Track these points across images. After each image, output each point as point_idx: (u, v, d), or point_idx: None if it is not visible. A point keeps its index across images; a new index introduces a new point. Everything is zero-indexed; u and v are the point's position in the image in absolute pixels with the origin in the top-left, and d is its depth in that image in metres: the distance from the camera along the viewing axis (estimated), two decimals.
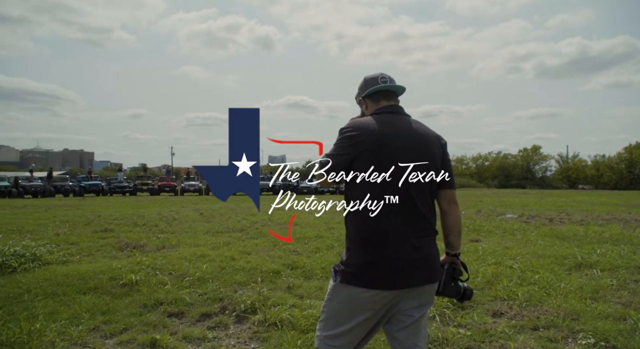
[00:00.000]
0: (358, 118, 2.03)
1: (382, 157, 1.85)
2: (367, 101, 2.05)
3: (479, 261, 5.81)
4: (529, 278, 4.90)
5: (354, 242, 1.90)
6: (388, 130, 1.89)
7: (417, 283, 1.89)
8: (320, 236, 7.97)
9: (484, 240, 7.91)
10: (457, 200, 2.04)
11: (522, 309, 3.97)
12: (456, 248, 2.08)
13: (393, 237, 1.85)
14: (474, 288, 4.50)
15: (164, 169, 49.23)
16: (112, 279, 4.78)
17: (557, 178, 62.61)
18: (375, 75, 2.06)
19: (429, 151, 1.94)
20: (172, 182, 33.69)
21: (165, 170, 40.93)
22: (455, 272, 2.06)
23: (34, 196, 28.65)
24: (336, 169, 1.90)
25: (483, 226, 9.85)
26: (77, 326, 3.53)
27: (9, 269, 5.28)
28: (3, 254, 5.54)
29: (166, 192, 32.55)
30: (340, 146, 1.90)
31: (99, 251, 6.68)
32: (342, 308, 1.89)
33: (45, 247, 6.21)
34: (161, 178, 35.04)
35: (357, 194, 1.90)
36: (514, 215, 13.02)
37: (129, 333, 3.41)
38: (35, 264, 5.50)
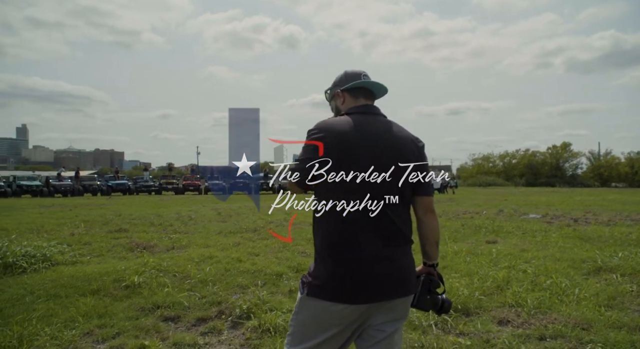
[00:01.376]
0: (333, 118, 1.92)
1: (349, 161, 1.73)
2: (346, 95, 1.92)
3: (491, 265, 5.60)
4: (541, 283, 4.67)
5: (320, 253, 1.79)
6: (357, 131, 1.77)
7: (388, 296, 1.76)
8: None
9: (501, 242, 7.65)
10: (434, 208, 1.90)
11: (530, 317, 3.77)
12: (433, 259, 1.94)
13: (361, 247, 1.73)
14: (482, 293, 4.33)
15: (190, 168, 49.89)
16: (116, 281, 4.79)
17: (588, 176, 60.80)
18: (357, 71, 1.94)
19: (402, 155, 1.80)
20: (196, 182, 34.10)
21: (190, 169, 41.47)
22: (432, 284, 1.92)
23: (64, 195, 29.44)
24: (302, 176, 1.80)
25: (502, 227, 9.56)
26: (71, 329, 3.52)
27: (19, 270, 5.36)
28: (15, 254, 5.63)
29: (190, 191, 32.96)
30: (306, 150, 1.80)
31: (110, 251, 6.74)
32: (309, 322, 1.78)
33: (56, 248, 6.29)
34: (186, 177, 35.50)
35: (322, 201, 1.79)
36: (537, 215, 12.62)
37: (121, 337, 3.38)
38: (45, 265, 5.57)
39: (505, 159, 67.80)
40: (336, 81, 1.97)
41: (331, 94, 2.00)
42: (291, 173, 1.84)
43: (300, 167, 1.79)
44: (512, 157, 67.60)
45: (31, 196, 29.09)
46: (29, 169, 78.83)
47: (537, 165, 63.28)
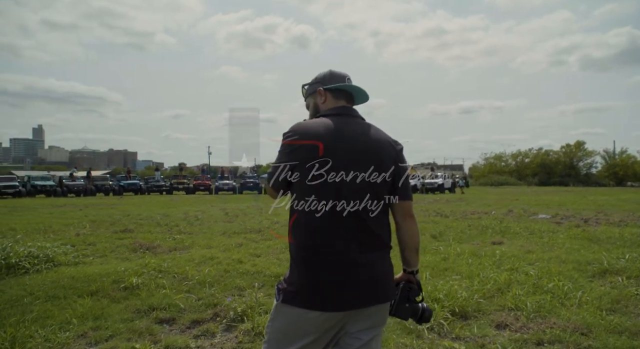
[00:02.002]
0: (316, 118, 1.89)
1: (323, 164, 1.70)
2: (328, 94, 1.87)
3: (493, 267, 5.51)
4: (543, 286, 4.58)
5: (295, 259, 1.75)
6: (331, 134, 1.73)
7: (364, 303, 1.72)
8: None
9: (507, 243, 7.55)
10: (413, 213, 1.86)
11: (529, 321, 3.70)
12: (413, 265, 1.90)
13: (336, 253, 1.69)
14: (482, 296, 4.26)
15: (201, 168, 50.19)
16: (115, 282, 4.81)
17: (603, 175, 59.91)
18: (343, 73, 1.90)
19: (379, 158, 1.76)
20: (206, 181, 34.31)
21: (200, 169, 41.74)
22: (411, 292, 1.87)
23: (77, 195, 29.84)
24: (278, 179, 1.77)
25: (510, 228, 9.43)
26: (65, 331, 3.53)
27: (22, 271, 5.40)
28: (18, 255, 5.68)
29: (201, 191, 33.17)
30: (280, 154, 1.76)
31: (113, 252, 6.78)
32: (284, 329, 1.74)
33: (60, 249, 6.34)
34: (196, 177, 35.75)
35: (297, 205, 1.76)
36: (546, 215, 12.43)
37: (114, 340, 3.38)
38: (48, 266, 5.61)
39: (518, 158, 67.09)
40: (319, 78, 1.91)
41: (310, 90, 1.94)
42: (268, 177, 1.81)
43: (275, 172, 1.76)
44: (525, 156, 66.87)
45: (45, 196, 29.51)
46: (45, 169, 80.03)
47: (550, 164, 62.51)
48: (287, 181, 1.75)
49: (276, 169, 1.75)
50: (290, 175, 1.73)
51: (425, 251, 6.67)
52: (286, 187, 1.77)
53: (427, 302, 3.99)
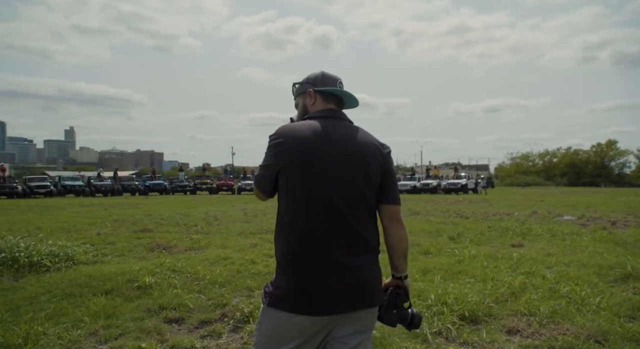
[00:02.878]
0: (303, 120, 1.88)
1: (308, 167, 1.68)
2: (318, 96, 1.85)
3: (509, 270, 5.39)
4: (559, 290, 4.46)
5: (280, 263, 1.74)
6: (318, 137, 1.71)
7: (350, 307, 1.70)
8: None
9: (527, 245, 7.38)
10: (401, 217, 1.82)
11: (542, 327, 3.60)
12: (401, 271, 1.87)
13: (321, 256, 1.67)
14: (494, 300, 4.18)
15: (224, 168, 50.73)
16: (129, 281, 4.89)
17: (636, 175, 57.95)
18: (334, 76, 1.88)
19: (365, 161, 1.74)
20: (229, 182, 34.69)
21: (224, 170, 42.25)
22: (399, 298, 1.84)
23: (104, 195, 30.56)
24: (264, 182, 1.76)
25: (531, 230, 9.21)
26: (77, 329, 3.61)
27: (43, 269, 5.56)
28: (40, 253, 5.85)
29: (224, 191, 33.55)
30: (267, 156, 1.76)
31: (131, 251, 6.91)
32: (271, 333, 1.73)
33: (80, 248, 6.49)
34: (219, 177, 36.17)
35: (282, 209, 1.75)
36: (572, 217, 12.11)
37: (123, 339, 3.44)
38: (67, 264, 5.76)
39: (546, 158, 65.56)
40: (310, 79, 1.88)
41: (300, 89, 1.91)
42: (255, 178, 1.81)
43: (261, 174, 1.76)
44: (553, 155, 65.29)
45: (74, 196, 30.33)
46: (76, 169, 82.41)
47: (580, 164, 60.83)
48: (274, 183, 1.74)
49: (263, 169, 1.75)
50: (276, 177, 1.73)
51: (440, 253, 6.58)
52: (273, 189, 1.77)
53: (436, 306, 3.95)
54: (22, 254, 5.70)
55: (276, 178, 1.73)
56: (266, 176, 1.74)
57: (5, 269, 5.46)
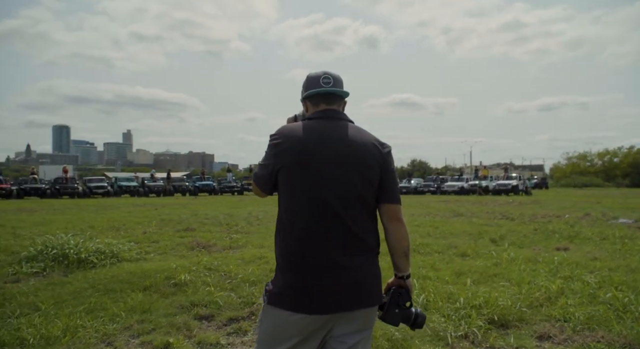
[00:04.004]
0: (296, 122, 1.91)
1: (305, 168, 1.71)
2: (308, 102, 1.89)
3: (549, 274, 5.18)
4: (600, 296, 4.24)
5: (278, 262, 1.79)
6: (315, 137, 1.74)
7: (348, 306, 1.71)
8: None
9: (573, 249, 7.04)
10: (401, 216, 1.82)
11: (575, 334, 3.45)
12: (402, 270, 1.86)
13: (318, 257, 1.70)
14: (528, 305, 4.04)
15: None
16: (167, 278, 5.09)
17: None
18: (318, 74, 1.86)
19: (363, 161, 1.75)
20: None
21: None
22: (401, 297, 1.83)
23: (157, 195, 31.82)
24: (263, 180, 1.81)
25: (580, 232, 8.78)
26: (114, 323, 3.81)
27: (90, 265, 5.88)
28: (88, 251, 6.20)
29: None
30: (266, 155, 1.80)
31: (173, 249, 7.18)
32: (271, 331, 1.78)
33: (125, 246, 6.82)
34: None
35: (281, 209, 1.79)
36: (628, 220, 11.42)
37: (154, 333, 3.59)
38: (112, 261, 6.07)
39: (605, 158, 62.03)
40: (303, 86, 1.92)
41: (301, 99, 1.97)
42: (254, 178, 1.86)
43: (260, 173, 1.80)
44: (614, 155, 61.67)
45: (129, 196, 31.76)
46: (133, 170, 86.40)
47: None
48: (272, 182, 1.78)
49: (261, 168, 1.80)
50: (275, 177, 1.77)
51: (477, 256, 6.41)
52: (272, 188, 1.81)
53: (464, 309, 3.87)
54: (72, 251, 6.05)
55: (275, 178, 1.78)
56: (265, 175, 1.78)
57: (56, 265, 5.82)
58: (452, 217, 12.36)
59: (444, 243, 7.49)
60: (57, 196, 28.20)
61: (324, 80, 1.83)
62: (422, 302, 4.06)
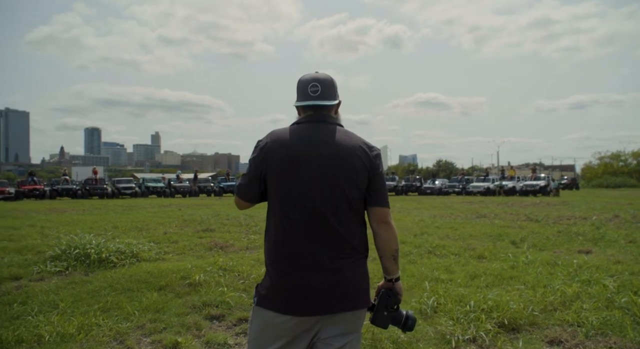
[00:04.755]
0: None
1: (291, 170, 1.74)
2: (299, 109, 1.90)
3: (567, 277, 5.06)
4: (617, 301, 4.12)
5: (266, 264, 1.82)
6: (300, 141, 1.76)
7: (333, 309, 1.73)
8: (404, 242, 7.66)
9: (595, 252, 6.85)
10: (389, 219, 1.82)
11: (587, 339, 3.37)
12: (391, 273, 1.86)
13: (303, 259, 1.72)
14: (542, 309, 3.97)
15: None
16: (182, 278, 5.19)
17: None
18: (307, 80, 1.85)
19: (349, 164, 1.76)
20: None
21: None
22: (390, 300, 1.84)
23: (183, 196, 32.37)
24: (249, 188, 1.82)
25: (606, 235, 8.53)
26: (128, 322, 3.91)
27: (110, 265, 6.04)
28: (109, 250, 6.37)
29: None
30: (252, 160, 1.82)
31: (192, 250, 7.30)
32: (260, 331, 1.80)
33: (145, 246, 6.97)
34: None
35: (269, 213, 1.82)
36: None
37: (164, 333, 3.68)
38: (132, 261, 6.22)
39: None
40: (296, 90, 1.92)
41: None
42: (236, 189, 1.87)
43: (245, 181, 1.83)
44: None
45: (156, 196, 32.42)
46: (161, 171, 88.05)
47: None
48: (259, 188, 1.80)
49: (247, 176, 1.82)
50: (262, 182, 1.79)
51: (495, 258, 6.31)
52: (260, 195, 1.83)
53: (474, 312, 3.82)
54: (93, 251, 6.23)
55: (262, 183, 1.80)
56: (251, 181, 1.80)
57: (78, 264, 6.00)
58: (474, 219, 12.17)
59: (461, 245, 7.40)
60: (87, 196, 29.00)
61: (312, 89, 1.83)
62: (431, 305, 4.02)
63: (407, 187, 33.06)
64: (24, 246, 7.47)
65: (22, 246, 7.48)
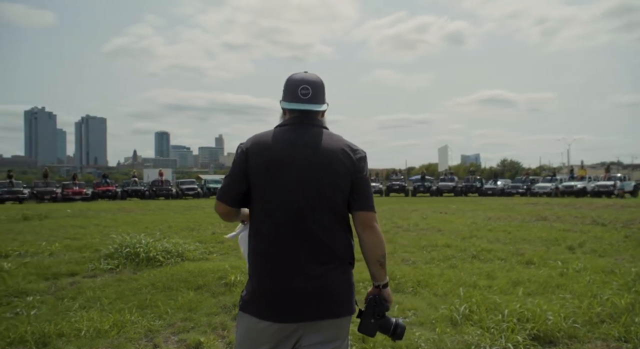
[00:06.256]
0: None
1: (273, 174, 1.70)
2: (286, 110, 1.85)
3: (622, 287, 4.64)
4: None
5: (248, 269, 1.80)
6: (283, 144, 1.73)
7: (313, 316, 1.69)
8: (449, 245, 7.39)
9: None
10: (374, 223, 1.75)
11: None
12: (379, 279, 1.79)
13: (283, 265, 1.70)
14: (586, 321, 3.69)
15: None
16: (219, 278, 5.31)
17: None
18: (297, 81, 1.79)
19: (331, 168, 1.71)
20: None
21: None
22: (377, 307, 1.77)
23: None
24: (229, 191, 1.77)
25: None
26: (160, 320, 4.05)
27: (157, 264, 6.30)
28: (156, 250, 6.66)
29: None
30: (234, 162, 1.79)
31: (235, 250, 7.45)
32: (244, 337, 1.79)
33: (191, 245, 7.21)
34: None
35: (252, 217, 1.80)
36: None
37: (192, 332, 3.76)
38: (177, 260, 6.46)
39: None
40: (283, 90, 1.85)
41: None
42: (218, 193, 1.84)
43: (226, 184, 1.81)
44: None
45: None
46: (224, 173, 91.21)
47: None
48: (239, 191, 1.77)
49: (228, 178, 1.79)
50: (244, 186, 1.76)
51: (544, 264, 5.93)
52: (240, 199, 1.79)
53: (507, 322, 3.61)
54: (142, 250, 6.54)
55: (245, 188, 1.77)
56: (232, 184, 1.77)
57: (128, 263, 6.31)
58: (532, 222, 11.54)
59: (510, 249, 7.03)
60: (154, 197, 30.57)
61: (302, 92, 1.77)
62: (462, 312, 3.84)
63: (466, 188, 31.96)
64: (84, 244, 7.99)
65: (83, 244, 8.01)
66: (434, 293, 4.65)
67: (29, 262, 6.46)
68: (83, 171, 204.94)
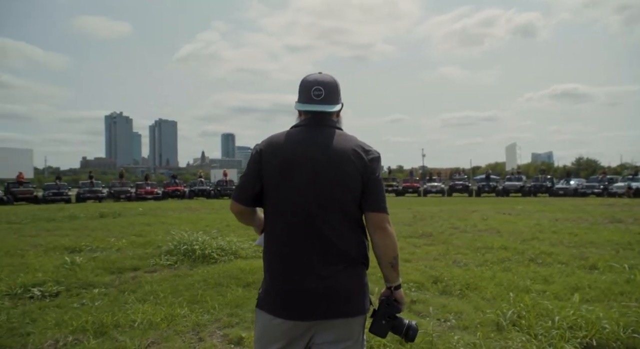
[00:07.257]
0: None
1: (285, 175, 1.73)
2: (300, 111, 1.87)
3: None
4: None
5: (263, 268, 1.85)
6: (296, 145, 1.75)
7: (323, 315, 1.70)
8: (506, 247, 7.08)
9: None
10: (386, 225, 1.73)
11: None
12: (391, 281, 1.78)
13: (295, 265, 1.72)
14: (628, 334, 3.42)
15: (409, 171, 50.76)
16: None
17: None
18: (311, 82, 1.81)
19: (342, 169, 1.71)
20: (415, 184, 34.69)
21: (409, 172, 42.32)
22: (389, 308, 1.76)
23: None
24: (244, 190, 1.81)
25: None
26: (210, 315, 4.21)
27: (212, 261, 6.56)
28: (211, 247, 6.93)
29: (409, 193, 33.76)
30: (247, 167, 1.83)
31: None
32: (261, 333, 1.83)
33: (244, 244, 7.42)
34: (404, 179, 36.44)
35: (265, 217, 1.84)
36: None
37: (236, 327, 3.88)
38: (230, 258, 6.68)
39: None
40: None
41: None
42: (235, 191, 1.90)
43: (241, 184, 1.85)
44: None
45: None
46: None
47: None
48: (254, 191, 1.80)
49: (243, 178, 1.84)
50: (258, 186, 1.80)
51: (610, 269, 5.53)
52: (254, 199, 1.83)
53: (557, 329, 3.42)
54: (198, 247, 6.83)
55: (259, 188, 1.81)
56: (246, 185, 1.81)
57: (185, 259, 6.62)
58: (605, 224, 10.77)
59: (573, 253, 6.61)
60: (219, 196, 31.76)
61: (315, 93, 1.79)
62: (509, 317, 3.68)
63: (535, 188, 30.36)
64: (148, 241, 8.46)
65: (147, 241, 8.48)
66: (482, 296, 4.48)
67: (98, 257, 6.95)
68: (156, 171, 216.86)
